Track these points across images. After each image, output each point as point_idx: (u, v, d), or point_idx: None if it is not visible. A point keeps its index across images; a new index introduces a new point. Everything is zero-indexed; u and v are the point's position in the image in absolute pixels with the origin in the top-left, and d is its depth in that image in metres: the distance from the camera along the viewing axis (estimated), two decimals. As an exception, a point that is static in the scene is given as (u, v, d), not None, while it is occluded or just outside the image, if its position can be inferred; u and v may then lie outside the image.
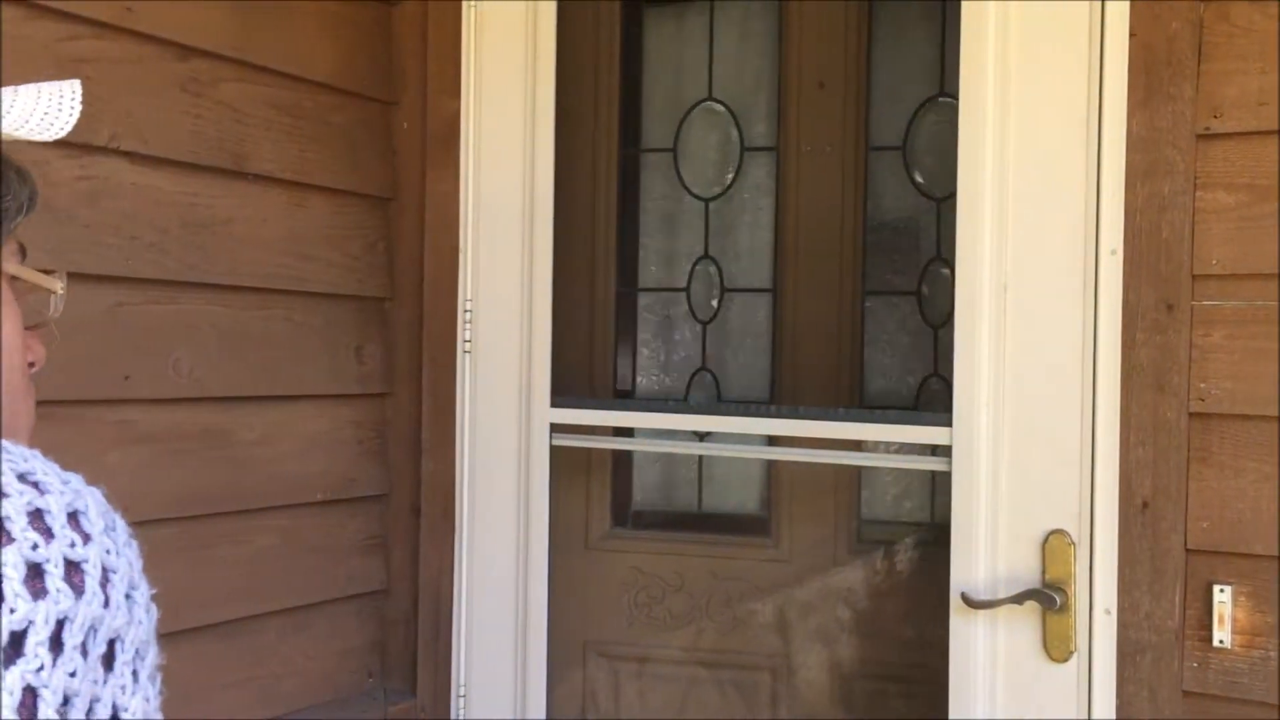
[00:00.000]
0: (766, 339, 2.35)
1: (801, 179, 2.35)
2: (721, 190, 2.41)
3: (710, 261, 2.42)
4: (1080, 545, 1.60)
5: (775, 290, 2.34)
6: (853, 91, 2.26)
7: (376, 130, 2.08)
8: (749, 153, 2.38)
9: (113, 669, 0.69)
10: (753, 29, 2.42)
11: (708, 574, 2.30)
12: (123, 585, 0.71)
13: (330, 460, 2.00)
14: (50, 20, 1.57)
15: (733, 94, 2.41)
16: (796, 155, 2.35)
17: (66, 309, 1.61)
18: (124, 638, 0.70)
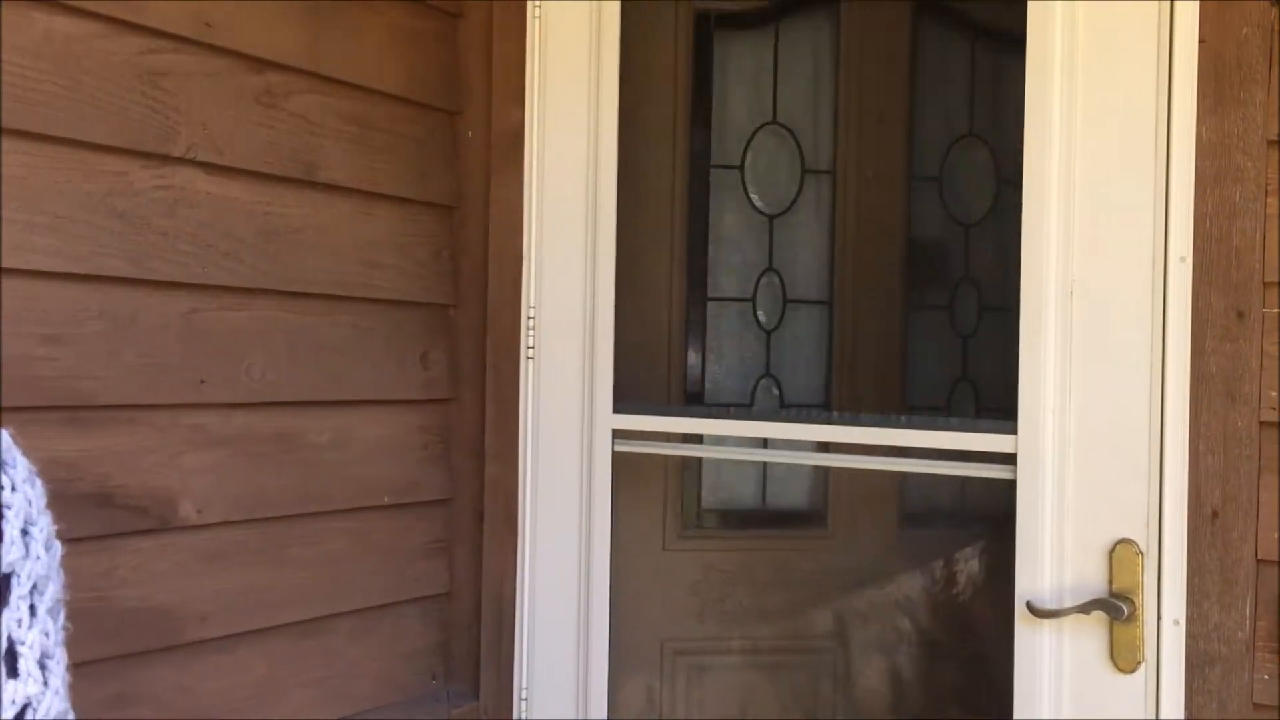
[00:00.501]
0: (823, 347, 2.52)
1: (856, 202, 2.57)
2: (784, 208, 2.57)
3: (774, 274, 2.58)
4: (1148, 555, 1.59)
5: (831, 302, 2.53)
6: (901, 125, 2.47)
7: (442, 139, 2.11)
8: (809, 174, 2.56)
9: (7, 603, 0.68)
10: (813, 55, 2.59)
11: (773, 566, 2.33)
12: (18, 521, 0.70)
13: (396, 464, 2.03)
14: (132, 35, 1.62)
15: (794, 118, 2.59)
16: (857, 180, 2.57)
17: (145, 315, 1.66)
18: (19, 572, 0.69)
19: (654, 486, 2.55)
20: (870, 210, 2.57)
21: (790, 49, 2.59)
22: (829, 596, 2.49)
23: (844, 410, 2.48)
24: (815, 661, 2.22)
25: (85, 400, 1.58)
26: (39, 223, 1.52)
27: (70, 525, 1.54)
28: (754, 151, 2.57)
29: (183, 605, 1.69)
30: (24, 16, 1.50)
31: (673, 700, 2.52)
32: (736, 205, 2.57)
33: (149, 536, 1.66)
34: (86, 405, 1.58)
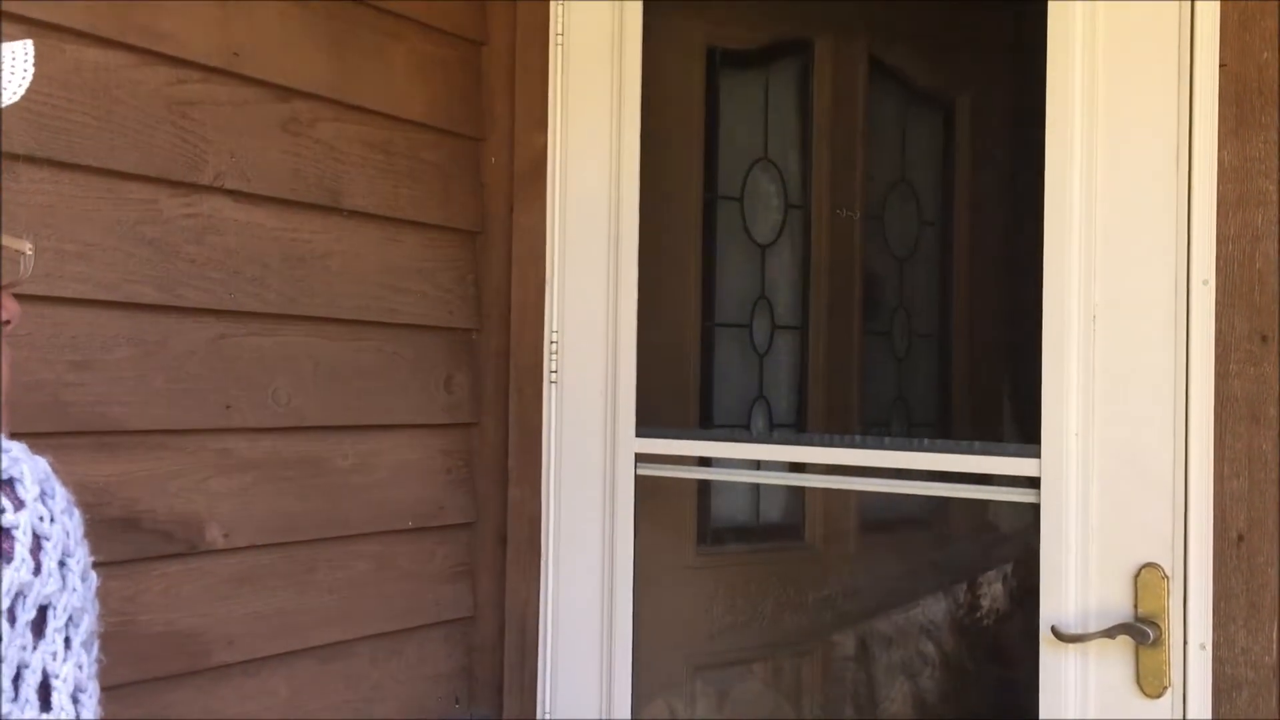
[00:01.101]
0: (797, 370, 2.74)
1: (827, 235, 2.78)
2: (772, 239, 2.77)
3: (766, 301, 2.75)
4: (1174, 579, 1.59)
5: (804, 328, 2.76)
6: (857, 167, 2.73)
7: (466, 166, 2.13)
8: (791, 209, 2.78)
9: (44, 636, 0.68)
10: (797, 95, 2.84)
11: (796, 581, 2.35)
12: (56, 552, 0.70)
13: (420, 488, 2.04)
14: (161, 65, 1.64)
15: (780, 154, 2.80)
16: (829, 215, 2.77)
17: (173, 340, 1.68)
18: (55, 605, 0.69)
19: (676, 506, 2.57)
20: (836, 243, 2.78)
21: (780, 88, 2.79)
22: (854, 614, 2.50)
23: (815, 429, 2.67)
24: (845, 679, 2.22)
25: (114, 425, 1.60)
26: (69, 250, 1.54)
27: (98, 550, 1.55)
28: (751, 183, 2.71)
29: (209, 629, 1.71)
30: (55, 48, 1.52)
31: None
32: (736, 235, 2.72)
33: (176, 561, 1.67)
34: (115, 430, 1.60)
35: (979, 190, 2.67)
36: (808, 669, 2.35)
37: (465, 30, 2.11)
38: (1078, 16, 1.66)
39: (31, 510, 0.70)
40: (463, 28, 2.10)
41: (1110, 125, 1.64)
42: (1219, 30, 1.56)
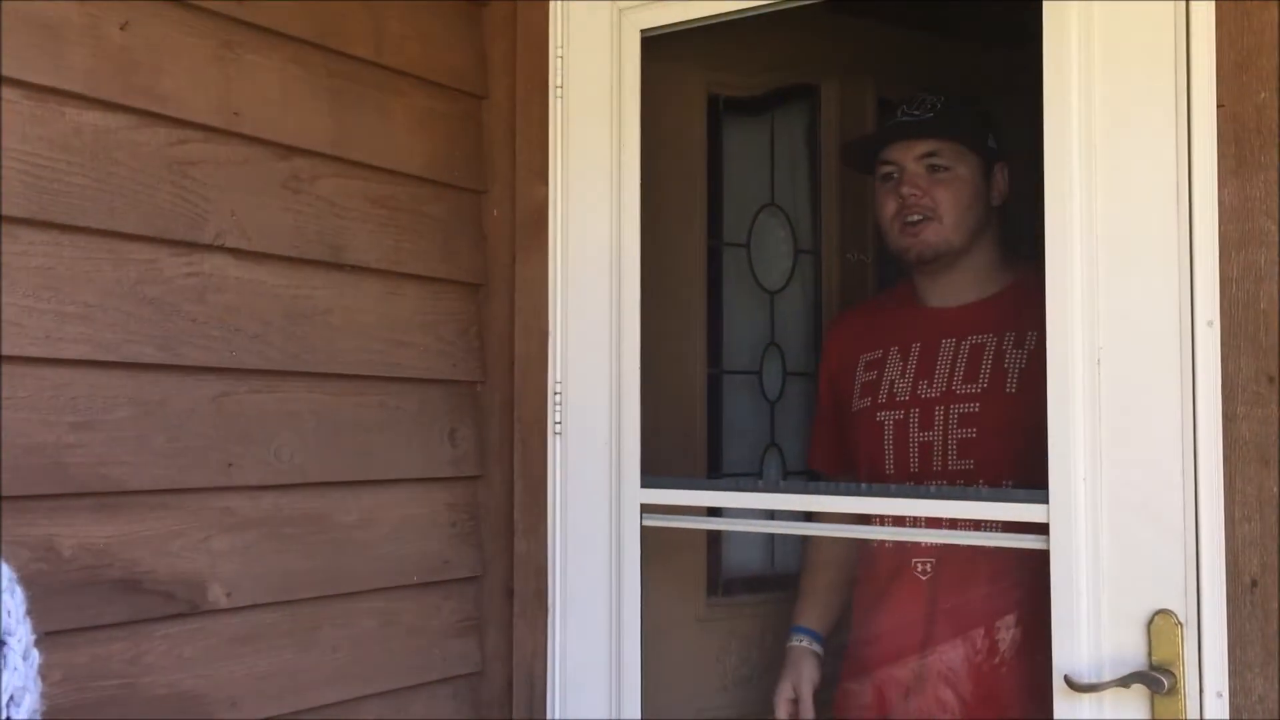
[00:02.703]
0: (811, 418, 2.66)
1: (838, 279, 2.86)
2: (782, 285, 2.82)
3: (776, 348, 2.77)
4: (1188, 625, 1.56)
5: (816, 375, 2.70)
6: (868, 210, 2.59)
7: (468, 218, 2.13)
8: (801, 254, 2.86)
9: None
10: (802, 141, 2.78)
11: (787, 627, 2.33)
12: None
13: (425, 542, 2.03)
14: (161, 126, 1.65)
15: (788, 200, 2.83)
16: (839, 259, 2.86)
17: (174, 399, 1.68)
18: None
19: (685, 556, 2.55)
20: (848, 288, 2.82)
21: (785, 133, 2.79)
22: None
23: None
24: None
25: (115, 486, 1.59)
26: (69, 312, 1.54)
27: (99, 612, 1.56)
28: (758, 230, 2.75)
29: (212, 690, 1.69)
30: (54, 111, 1.54)
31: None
32: (744, 281, 2.70)
33: (177, 621, 1.66)
34: (116, 491, 1.60)
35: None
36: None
37: (465, 84, 2.12)
38: (1074, 58, 1.66)
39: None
40: (463, 82, 2.12)
41: (1109, 167, 1.64)
42: (1215, 71, 1.56)
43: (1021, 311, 2.05)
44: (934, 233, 2.09)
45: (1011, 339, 2.06)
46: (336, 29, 1.88)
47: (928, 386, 2.11)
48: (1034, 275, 2.05)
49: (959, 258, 2.12)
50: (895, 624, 2.14)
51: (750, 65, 2.68)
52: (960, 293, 2.14)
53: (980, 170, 2.13)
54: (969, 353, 2.09)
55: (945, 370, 2.10)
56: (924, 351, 2.14)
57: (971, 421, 2.06)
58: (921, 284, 2.19)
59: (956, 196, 2.10)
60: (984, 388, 2.06)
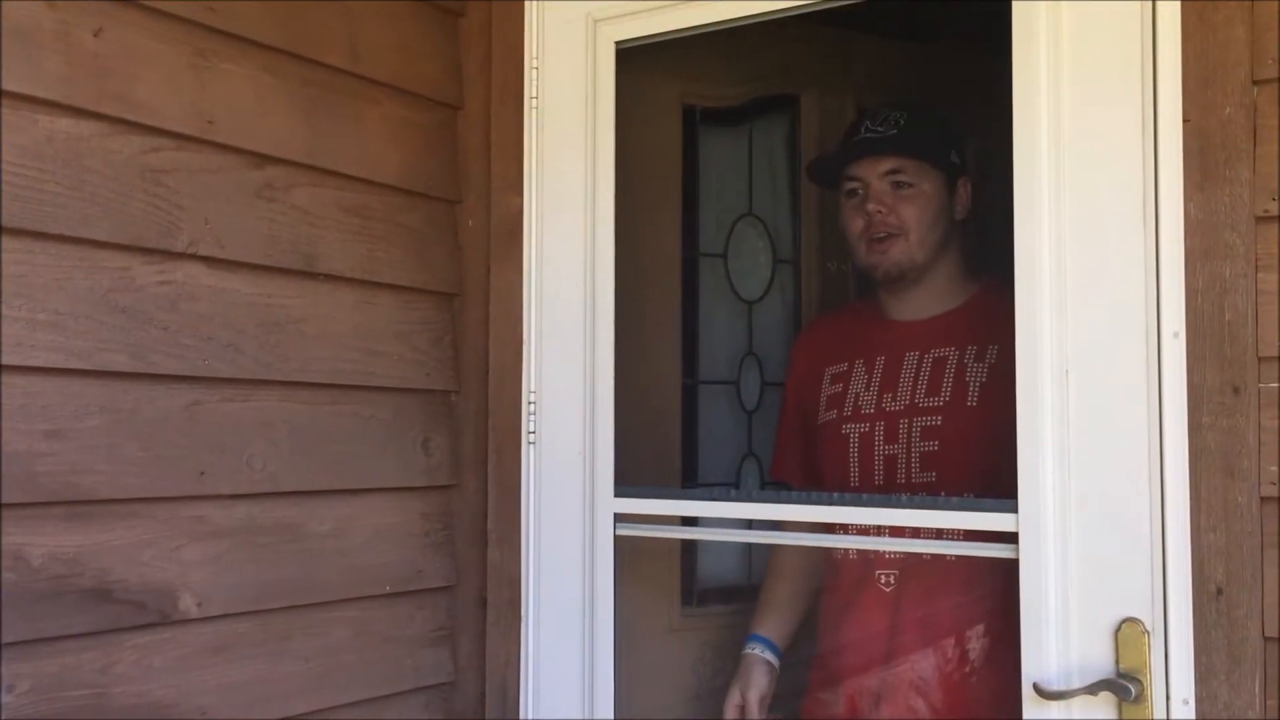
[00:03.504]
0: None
1: (819, 289, 2.84)
2: (760, 295, 2.80)
3: (754, 358, 2.76)
4: (1154, 633, 1.58)
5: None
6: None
7: (442, 228, 2.14)
8: (780, 264, 2.84)
9: None
10: (781, 151, 2.78)
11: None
12: None
13: (399, 552, 2.03)
14: (134, 134, 1.65)
15: (766, 210, 2.83)
16: (819, 269, 2.84)
17: (146, 408, 1.67)
18: None
19: (660, 566, 2.55)
20: (828, 297, 2.81)
21: (764, 143, 2.80)
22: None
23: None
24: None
25: (86, 495, 1.58)
26: (40, 320, 1.54)
27: (69, 622, 1.55)
28: (735, 239, 2.74)
29: (182, 700, 1.68)
30: (27, 118, 1.53)
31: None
32: (721, 292, 2.71)
33: (148, 631, 1.65)
34: (87, 500, 1.59)
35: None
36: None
37: (440, 94, 2.13)
38: (1042, 74, 1.68)
39: None
40: (438, 92, 2.12)
41: (1077, 179, 1.66)
42: (1181, 86, 1.58)
43: (983, 324, 2.07)
44: (900, 250, 2.11)
45: (973, 352, 2.08)
46: (311, 37, 1.89)
47: (892, 400, 2.13)
48: (995, 287, 2.07)
49: (924, 272, 2.14)
50: (863, 634, 2.15)
51: (727, 76, 2.69)
52: (924, 306, 2.16)
53: (943, 185, 2.15)
54: (931, 366, 2.11)
55: (909, 383, 2.12)
56: (888, 365, 2.16)
57: (934, 434, 2.07)
58: (886, 298, 2.21)
59: (921, 213, 2.12)
60: (946, 401, 2.08)
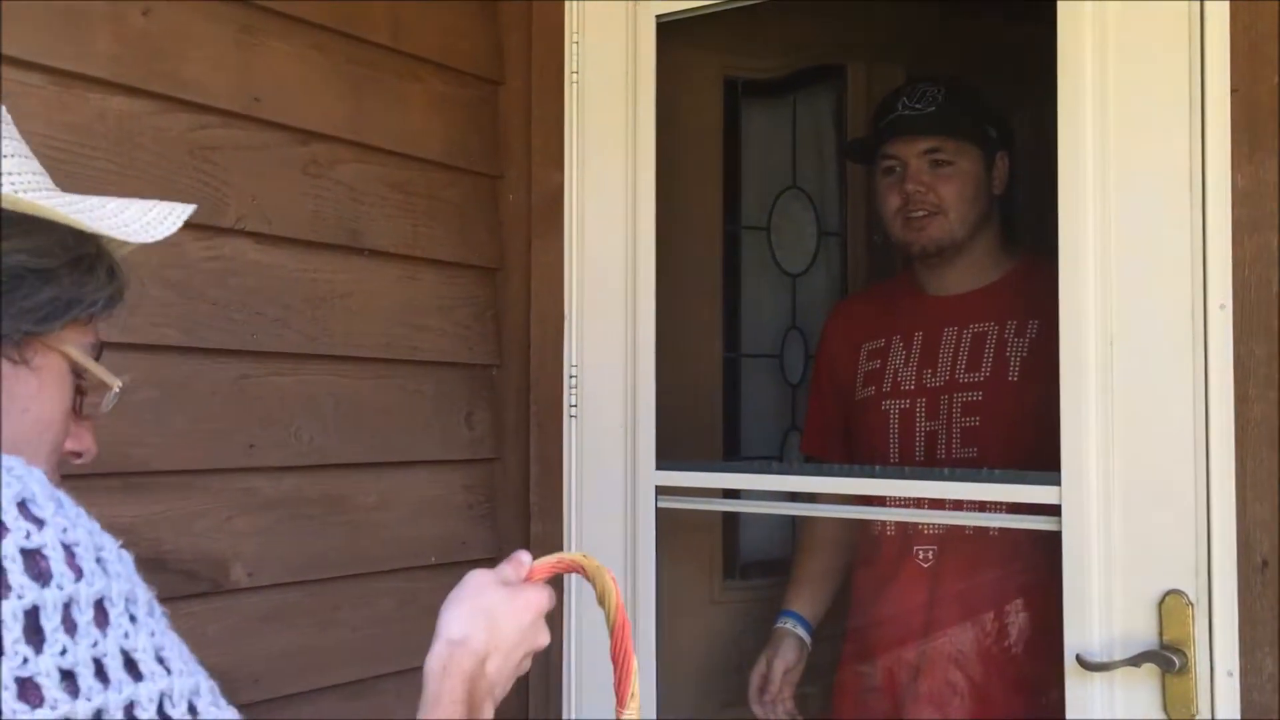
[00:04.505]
0: None
1: (860, 262, 2.82)
2: (806, 268, 2.79)
3: (798, 331, 2.75)
4: (1199, 606, 1.57)
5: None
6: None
7: (484, 203, 2.15)
8: (825, 236, 2.83)
9: (109, 623, 0.73)
10: (828, 123, 2.76)
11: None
12: (89, 554, 0.74)
13: (442, 524, 2.05)
14: (183, 112, 1.67)
15: (811, 182, 2.81)
16: (863, 240, 2.82)
17: (196, 381, 1.70)
18: (109, 595, 0.73)
19: (703, 539, 2.56)
20: (875, 270, 2.76)
21: (808, 115, 2.76)
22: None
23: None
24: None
25: (139, 467, 1.61)
26: (95, 295, 1.56)
27: (125, 590, 1.58)
28: (778, 212, 2.74)
29: (235, 668, 1.71)
30: (78, 96, 1.56)
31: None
32: (765, 265, 2.69)
33: (201, 600, 1.68)
34: (140, 471, 1.62)
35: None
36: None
37: (481, 70, 2.14)
38: (1087, 45, 1.67)
39: (53, 525, 0.73)
40: (479, 68, 2.13)
41: (1122, 151, 1.65)
42: (1229, 56, 1.57)
43: (1022, 298, 2.07)
44: (938, 227, 2.10)
45: (1013, 327, 2.07)
46: (354, 15, 1.90)
47: (932, 376, 2.12)
48: (1034, 261, 2.06)
49: (961, 248, 2.13)
50: (901, 609, 2.16)
51: (770, 48, 2.67)
52: (961, 281, 2.15)
53: (982, 161, 2.14)
54: (971, 341, 2.11)
55: (948, 359, 2.12)
56: (927, 340, 2.15)
57: (975, 410, 2.07)
58: (922, 273, 2.20)
59: (960, 190, 2.11)
60: (987, 376, 2.07)
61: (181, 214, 0.98)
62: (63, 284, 0.90)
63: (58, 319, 0.90)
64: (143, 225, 0.95)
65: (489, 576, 1.05)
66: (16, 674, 0.67)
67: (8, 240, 0.87)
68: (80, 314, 0.92)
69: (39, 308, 0.88)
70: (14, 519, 0.71)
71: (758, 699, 2.20)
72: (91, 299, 0.92)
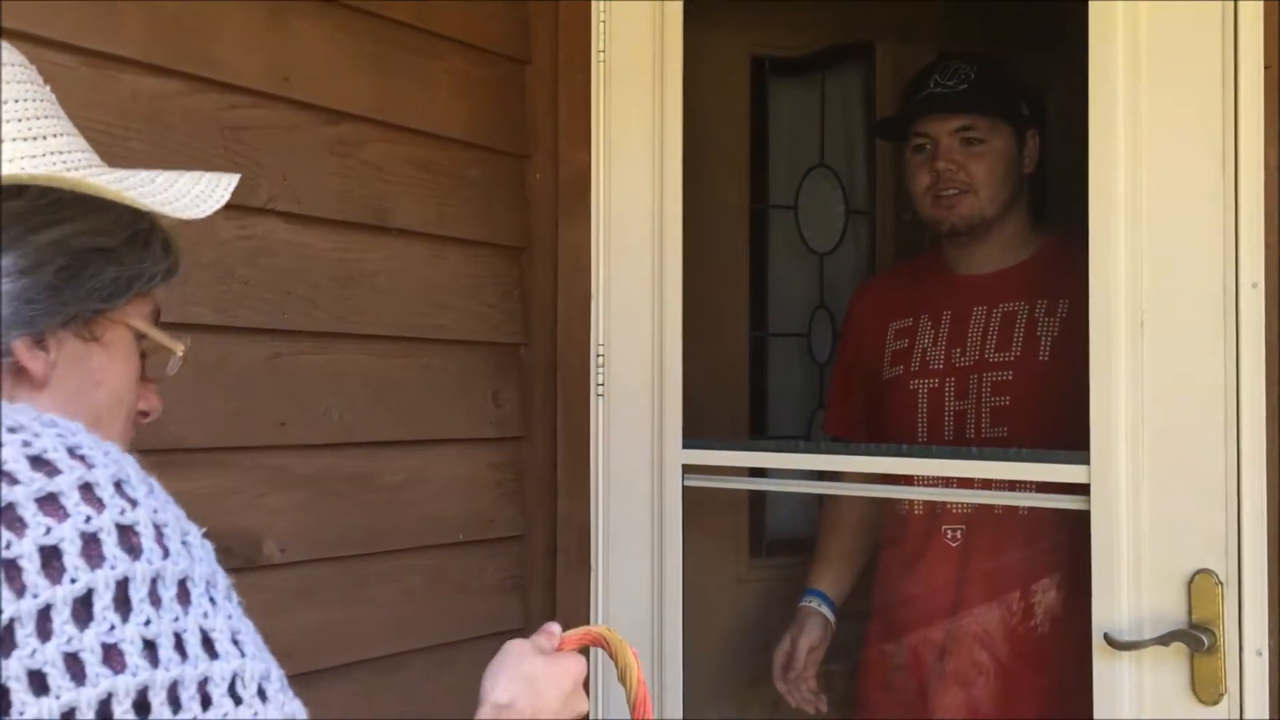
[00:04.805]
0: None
1: (889, 241, 2.81)
2: (834, 246, 2.78)
3: (826, 310, 2.73)
4: (1228, 585, 1.57)
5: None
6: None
7: (510, 183, 2.15)
8: (854, 215, 2.81)
9: (190, 603, 0.76)
10: (856, 101, 2.75)
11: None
12: (176, 535, 0.78)
13: (470, 502, 2.07)
14: (213, 92, 1.68)
15: (840, 160, 2.78)
16: (891, 219, 2.81)
17: (230, 360, 1.71)
18: (192, 576, 0.77)
19: (729, 517, 2.58)
20: (903, 249, 2.74)
21: (836, 93, 2.74)
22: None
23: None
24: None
25: (173, 444, 1.63)
26: (128, 274, 1.58)
27: (160, 566, 1.59)
28: (805, 191, 2.73)
29: (268, 642, 1.72)
30: (111, 78, 1.56)
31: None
32: (791, 244, 2.68)
33: (235, 576, 1.67)
34: (174, 448, 1.63)
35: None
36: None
37: (508, 49, 2.13)
38: (1119, 20, 1.66)
39: (145, 506, 0.77)
40: (505, 46, 2.13)
41: (1154, 128, 1.64)
42: (1262, 32, 1.55)
43: (1052, 277, 2.06)
44: (969, 206, 2.10)
45: (1043, 306, 2.07)
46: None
47: (961, 355, 2.12)
48: (1064, 239, 2.05)
49: (992, 226, 2.12)
50: (928, 588, 2.16)
51: (798, 26, 2.66)
52: (991, 260, 2.15)
53: (1014, 139, 2.13)
54: (1000, 320, 2.10)
55: (978, 338, 2.11)
56: (955, 319, 2.15)
57: (1005, 389, 2.07)
58: (951, 252, 2.19)
59: (991, 169, 2.10)
60: (1017, 355, 2.07)
61: (229, 185, 1.02)
62: (125, 261, 0.93)
63: (122, 295, 0.94)
64: (192, 199, 0.99)
65: (527, 645, 1.11)
66: (103, 639, 0.71)
67: (71, 222, 0.90)
68: (141, 288, 0.96)
69: (104, 286, 0.92)
70: (111, 496, 0.75)
71: (782, 676, 2.21)
72: (151, 272, 0.96)
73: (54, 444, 0.76)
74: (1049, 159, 2.21)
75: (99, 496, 0.75)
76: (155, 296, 1.00)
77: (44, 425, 0.78)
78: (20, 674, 0.69)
